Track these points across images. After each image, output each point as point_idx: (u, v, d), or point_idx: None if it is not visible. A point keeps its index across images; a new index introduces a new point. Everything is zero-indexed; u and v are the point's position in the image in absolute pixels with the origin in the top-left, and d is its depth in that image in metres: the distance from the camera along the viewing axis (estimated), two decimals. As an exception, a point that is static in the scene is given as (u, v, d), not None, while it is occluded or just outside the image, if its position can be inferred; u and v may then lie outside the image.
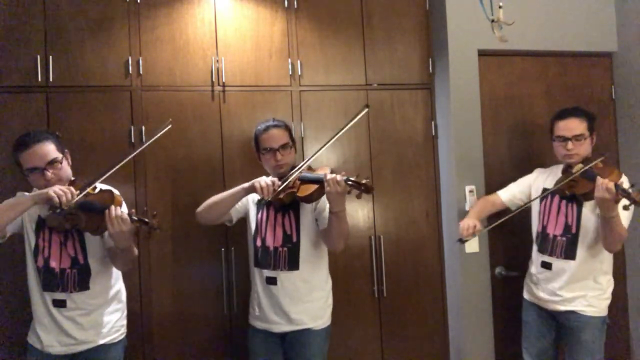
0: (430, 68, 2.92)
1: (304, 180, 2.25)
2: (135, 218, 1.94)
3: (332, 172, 2.16)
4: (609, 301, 2.43)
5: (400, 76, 2.89)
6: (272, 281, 2.28)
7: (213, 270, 2.61)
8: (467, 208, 2.77)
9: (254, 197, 2.39)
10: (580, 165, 2.36)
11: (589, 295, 2.37)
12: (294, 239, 2.29)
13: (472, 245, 2.79)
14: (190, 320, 2.58)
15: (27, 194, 2.06)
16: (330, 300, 2.40)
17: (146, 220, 1.93)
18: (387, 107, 2.87)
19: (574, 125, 2.40)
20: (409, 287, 2.85)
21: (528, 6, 2.92)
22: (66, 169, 2.08)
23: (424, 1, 2.94)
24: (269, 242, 2.30)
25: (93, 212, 1.97)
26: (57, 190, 1.91)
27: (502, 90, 2.97)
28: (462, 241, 2.47)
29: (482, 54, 2.88)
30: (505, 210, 2.59)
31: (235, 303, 2.59)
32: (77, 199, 1.95)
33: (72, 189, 1.95)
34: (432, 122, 2.92)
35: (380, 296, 2.80)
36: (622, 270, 3.05)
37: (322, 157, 2.76)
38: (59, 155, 2.05)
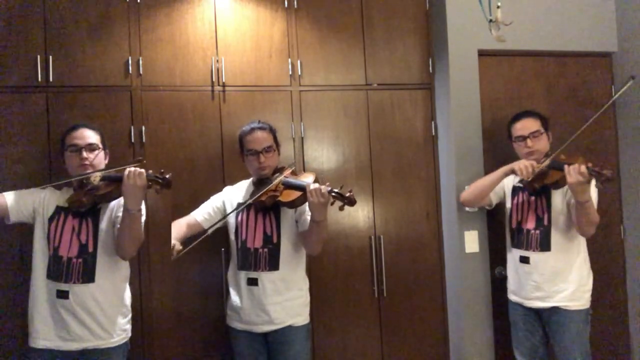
0: (430, 68, 2.92)
1: (287, 186, 2.26)
2: (151, 174, 2.03)
3: (315, 181, 2.19)
4: (590, 293, 2.47)
5: (400, 76, 2.89)
6: (253, 282, 2.29)
7: (213, 270, 2.60)
8: (467, 208, 2.77)
9: (232, 201, 2.41)
10: (549, 160, 2.42)
11: (570, 289, 2.42)
12: (275, 240, 2.30)
13: (472, 245, 2.80)
14: (190, 320, 2.58)
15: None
16: (308, 299, 2.42)
17: (160, 177, 2.03)
18: (387, 107, 2.87)
19: (529, 124, 2.55)
20: (409, 287, 2.85)
21: (528, 6, 2.92)
22: (101, 160, 2.21)
23: (424, 1, 2.93)
24: (249, 243, 2.31)
25: (112, 180, 2.10)
26: None
27: (502, 90, 2.97)
28: (524, 183, 2.50)
29: (482, 54, 2.88)
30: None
31: (235, 303, 2.60)
32: (97, 173, 2.13)
33: None
34: (432, 122, 2.92)
35: (380, 296, 2.80)
36: (622, 270, 3.05)
37: (323, 158, 2.77)
38: (99, 144, 2.22)
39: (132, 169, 2.01)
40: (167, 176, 2.03)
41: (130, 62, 2.57)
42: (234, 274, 2.38)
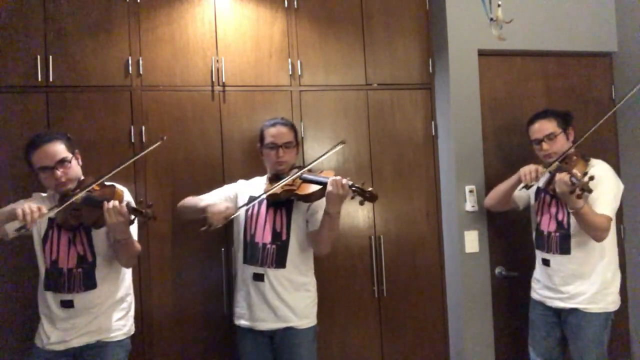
0: (430, 68, 2.92)
1: (306, 181, 2.26)
2: (132, 208, 1.97)
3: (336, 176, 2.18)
4: (614, 296, 2.43)
5: (400, 76, 2.89)
6: (259, 278, 2.28)
7: (213, 270, 2.61)
8: (467, 208, 2.77)
9: (245, 194, 2.40)
10: (556, 164, 2.39)
11: (590, 291, 2.39)
12: (284, 237, 2.30)
13: (472, 245, 2.80)
14: (190, 320, 2.58)
15: (42, 194, 2.16)
16: (315, 301, 2.41)
17: (141, 210, 1.97)
18: (387, 107, 2.87)
19: (543, 126, 2.52)
20: (409, 287, 2.85)
21: (528, 6, 2.92)
22: (76, 169, 2.12)
23: (424, 1, 2.93)
24: (258, 238, 2.31)
25: (95, 207, 2.01)
26: (25, 208, 1.86)
27: (502, 90, 2.97)
28: (527, 187, 2.43)
29: (482, 54, 2.88)
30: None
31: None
32: (81, 194, 2.01)
33: (42, 208, 1.90)
34: (432, 122, 2.92)
35: (380, 296, 2.80)
36: (622, 269, 3.03)
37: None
38: (69, 155, 2.08)
39: (111, 205, 1.93)
40: (147, 211, 1.96)
41: (130, 62, 2.57)
42: (240, 269, 2.37)
